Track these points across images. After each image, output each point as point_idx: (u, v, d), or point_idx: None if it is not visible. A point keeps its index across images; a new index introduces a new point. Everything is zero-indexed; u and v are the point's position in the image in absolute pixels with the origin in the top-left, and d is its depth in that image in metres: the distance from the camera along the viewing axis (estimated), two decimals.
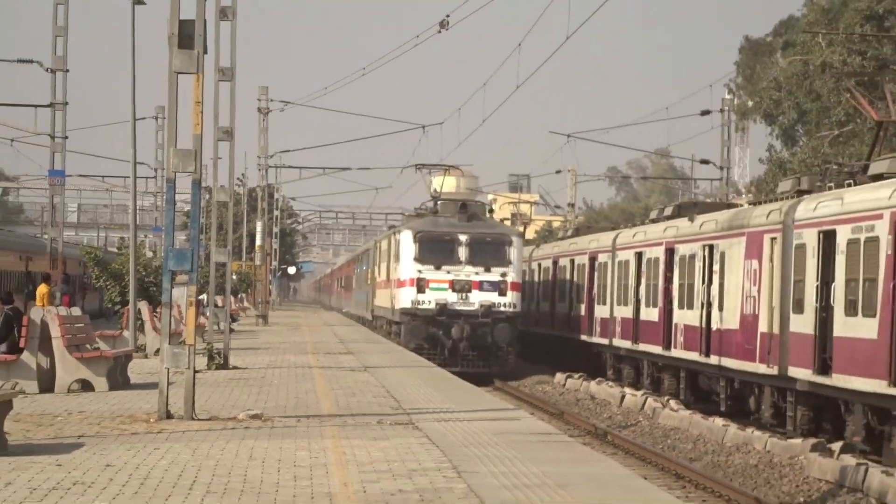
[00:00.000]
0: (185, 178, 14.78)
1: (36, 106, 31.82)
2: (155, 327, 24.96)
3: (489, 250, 33.91)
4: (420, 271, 33.29)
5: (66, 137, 32.30)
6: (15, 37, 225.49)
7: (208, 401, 16.65)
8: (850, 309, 17.34)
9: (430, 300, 33.09)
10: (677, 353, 25.57)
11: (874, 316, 16.48)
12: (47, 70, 31.83)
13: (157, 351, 20.03)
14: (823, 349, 18.31)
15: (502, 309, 33.42)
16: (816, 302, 18.64)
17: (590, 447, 15.78)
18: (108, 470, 9.96)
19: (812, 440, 17.39)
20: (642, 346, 28.31)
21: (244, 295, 61.75)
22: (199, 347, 18.29)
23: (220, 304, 30.28)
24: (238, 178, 46.80)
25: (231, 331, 28.22)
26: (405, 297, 33.79)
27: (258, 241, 51.83)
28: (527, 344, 39.74)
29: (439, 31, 29.12)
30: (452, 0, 47.74)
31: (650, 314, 27.86)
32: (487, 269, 33.26)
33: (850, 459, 15.36)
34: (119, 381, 18.91)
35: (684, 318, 25.23)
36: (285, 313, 68.83)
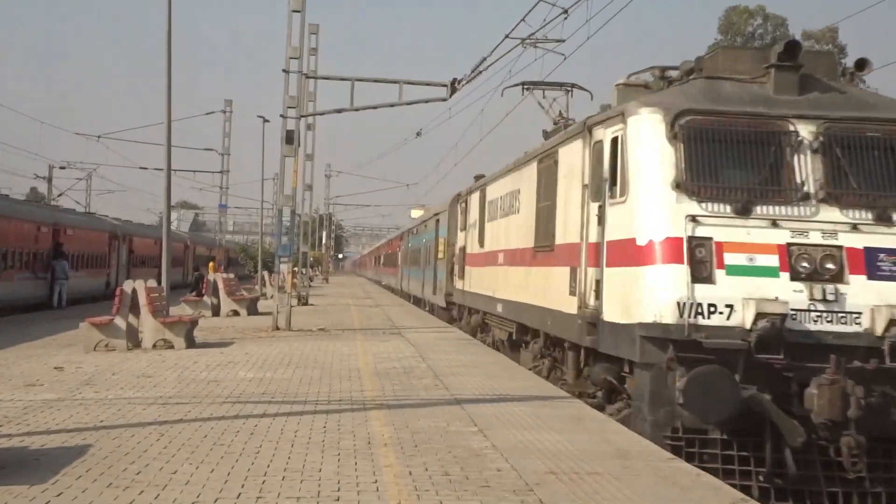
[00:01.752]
0: (288, 208, 26.24)
1: (213, 172, 58.47)
2: (228, 293, 32.94)
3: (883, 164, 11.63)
4: (694, 220, 11.16)
5: (228, 187, 57.72)
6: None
7: (297, 321, 26.78)
8: None
9: (730, 305, 10.76)
10: None
11: None
12: (220, 154, 57.03)
13: (230, 311, 32.27)
14: None
15: None
16: None
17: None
18: (246, 355, 18.99)
19: None
20: None
21: (317, 267, 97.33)
22: (293, 294, 28.49)
23: (304, 272, 46.76)
24: (315, 210, 77.67)
25: (309, 285, 49.32)
26: (648, 296, 11.19)
27: (324, 241, 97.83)
28: None
29: None
30: None
31: None
32: (886, 219, 11.31)
33: None
34: (193, 339, 20.66)
35: None
36: (336, 278, 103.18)
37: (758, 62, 12.36)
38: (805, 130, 11.50)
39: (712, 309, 10.65)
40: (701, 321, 10.62)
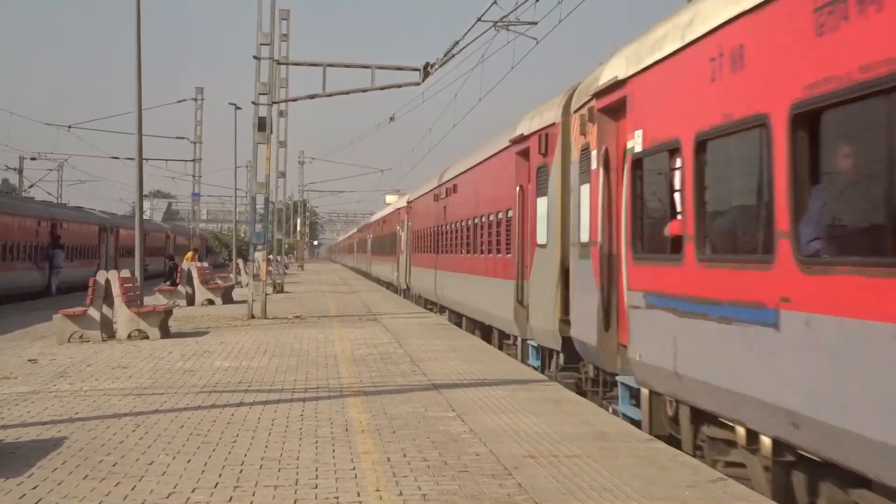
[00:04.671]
0: (261, 196, 25.74)
1: (185, 161, 56.36)
2: (203, 282, 32.96)
3: None
4: None
5: (201, 176, 55.17)
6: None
7: (273, 308, 26.65)
8: None
9: None
10: None
11: None
12: (192, 142, 54.39)
13: (205, 300, 32.22)
14: None
15: None
16: None
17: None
18: (222, 344, 18.88)
19: None
20: None
21: (292, 254, 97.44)
22: (268, 282, 28.26)
23: (279, 260, 46.26)
24: (289, 197, 77.87)
25: (284, 273, 47.70)
26: None
27: (299, 228, 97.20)
28: None
29: None
30: None
31: None
32: None
33: None
34: (168, 329, 20.58)
35: None
36: (312, 265, 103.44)
37: None
38: None
39: None
40: None
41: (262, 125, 23.46)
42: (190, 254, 45.59)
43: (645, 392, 10.37)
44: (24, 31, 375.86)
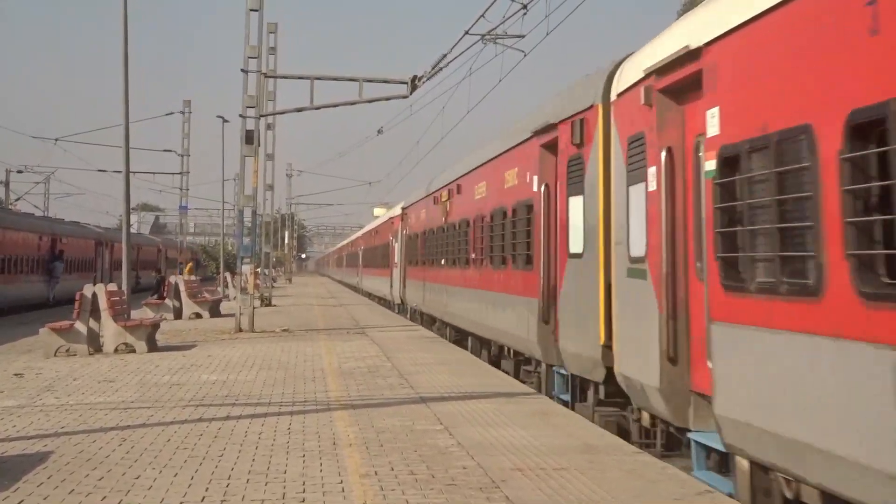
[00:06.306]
0: (249, 209, 25.67)
1: (174, 174, 55.33)
2: (191, 295, 32.85)
3: None
4: None
5: (188, 189, 54.56)
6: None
7: (260, 322, 26.66)
8: None
9: None
10: None
11: None
12: (179, 155, 53.42)
13: (192, 314, 32.11)
14: None
15: None
16: None
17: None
18: (209, 358, 18.82)
19: None
20: None
21: (280, 268, 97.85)
22: (256, 295, 28.68)
23: (267, 273, 46.56)
24: (277, 210, 76.27)
25: (272, 286, 48.23)
26: None
27: (286, 241, 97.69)
28: None
29: None
30: None
31: None
32: None
33: None
34: (155, 343, 20.47)
35: None
36: (299, 278, 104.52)
37: None
38: None
39: None
40: None
41: (249, 138, 23.44)
42: (190, 265, 45.92)
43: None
44: (12, 43, 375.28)
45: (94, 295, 19.75)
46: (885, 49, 5.65)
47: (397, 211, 38.84)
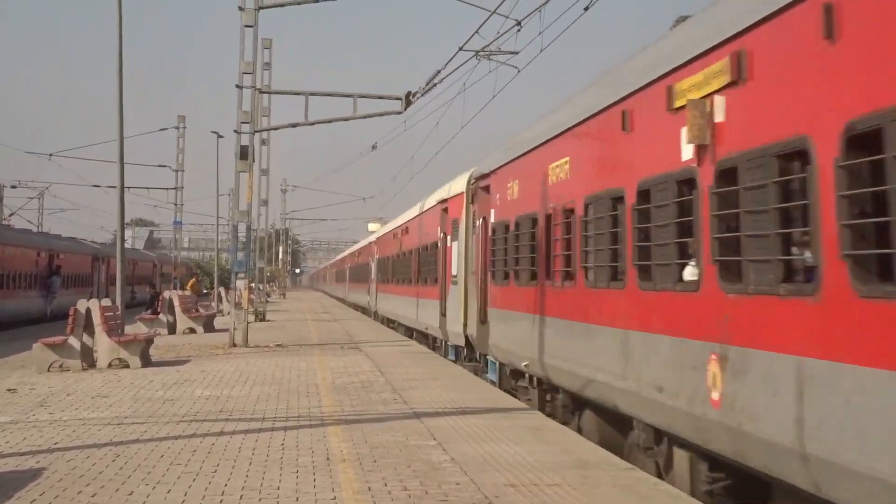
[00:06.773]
0: (243, 224, 25.74)
1: (167, 189, 53.83)
2: (184, 310, 32.85)
3: None
4: None
5: (183, 204, 53.89)
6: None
7: (254, 337, 26.67)
8: None
9: None
10: None
11: None
12: (174, 170, 52.08)
13: (186, 329, 32.19)
14: None
15: None
16: None
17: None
18: (203, 373, 18.82)
19: None
20: None
21: (274, 283, 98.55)
22: (250, 310, 28.22)
23: (262, 287, 47.33)
24: (271, 225, 79.08)
25: (266, 301, 48.38)
26: None
27: (280, 256, 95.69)
28: None
29: None
30: None
31: None
32: None
33: None
34: (149, 358, 20.53)
35: None
36: (294, 293, 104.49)
37: None
38: None
39: None
40: None
41: (244, 153, 23.47)
42: (193, 280, 45.94)
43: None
44: (5, 57, 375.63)
45: (88, 310, 19.73)
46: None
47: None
